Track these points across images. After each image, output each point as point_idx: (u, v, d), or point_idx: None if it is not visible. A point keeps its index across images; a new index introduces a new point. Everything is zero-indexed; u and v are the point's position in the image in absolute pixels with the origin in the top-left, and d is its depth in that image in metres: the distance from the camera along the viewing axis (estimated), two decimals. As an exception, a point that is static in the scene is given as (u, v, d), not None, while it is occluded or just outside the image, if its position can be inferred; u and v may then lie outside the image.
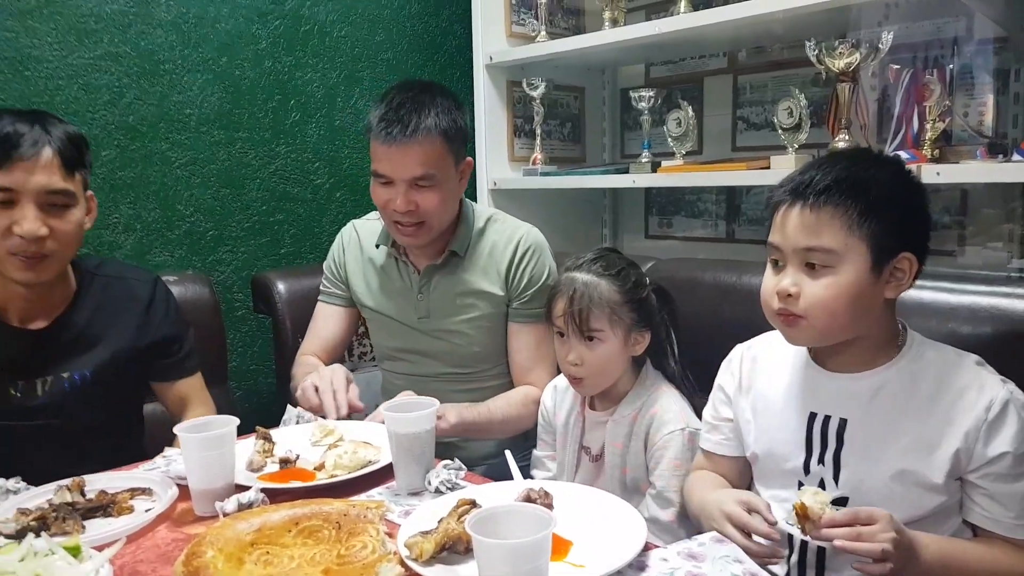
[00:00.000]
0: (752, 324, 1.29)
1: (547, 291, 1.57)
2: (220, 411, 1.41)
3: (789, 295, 1.03)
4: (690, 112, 2.07)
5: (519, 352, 1.63)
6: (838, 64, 1.68)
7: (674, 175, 2.04)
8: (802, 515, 0.95)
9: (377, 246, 1.69)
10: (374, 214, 1.72)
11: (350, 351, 2.09)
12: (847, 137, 1.70)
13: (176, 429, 1.09)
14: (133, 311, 1.50)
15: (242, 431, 1.33)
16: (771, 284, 1.07)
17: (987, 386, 1.01)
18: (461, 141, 1.59)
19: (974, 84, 1.78)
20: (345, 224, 2.36)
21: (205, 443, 1.08)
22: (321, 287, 1.80)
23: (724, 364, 1.26)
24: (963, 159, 1.56)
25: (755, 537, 1.02)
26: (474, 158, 2.38)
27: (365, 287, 1.71)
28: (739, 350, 1.25)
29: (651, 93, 2.15)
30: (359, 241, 1.74)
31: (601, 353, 1.30)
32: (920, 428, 1.02)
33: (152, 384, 1.57)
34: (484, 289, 1.61)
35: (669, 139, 2.10)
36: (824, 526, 0.93)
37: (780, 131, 1.85)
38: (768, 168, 1.83)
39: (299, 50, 2.27)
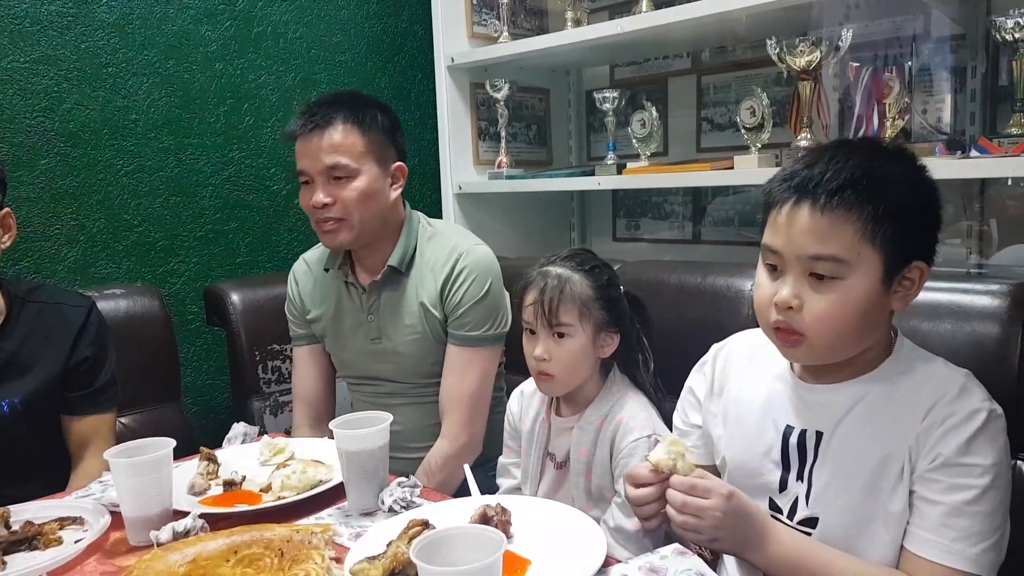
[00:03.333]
0: (718, 325, 1.26)
1: (480, 313, 1.55)
2: (174, 430, 1.33)
3: (790, 308, 0.92)
4: (654, 113, 2.04)
5: (445, 378, 1.57)
6: (799, 63, 1.67)
7: (639, 177, 2.01)
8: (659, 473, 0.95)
9: (326, 270, 1.64)
10: (319, 244, 1.68)
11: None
12: (809, 136, 1.69)
13: (106, 454, 1.03)
14: (64, 337, 1.43)
15: (195, 449, 1.27)
16: (768, 293, 0.95)
17: (964, 396, 0.92)
18: (387, 142, 1.54)
19: (932, 82, 1.77)
20: (303, 232, 2.33)
21: (138, 468, 1.01)
22: (290, 332, 1.73)
23: (697, 366, 1.19)
24: (922, 156, 1.55)
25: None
26: (437, 161, 2.34)
27: (321, 315, 1.65)
28: (713, 351, 1.18)
29: (615, 94, 2.12)
30: (310, 270, 1.69)
31: (569, 348, 1.26)
32: (894, 441, 0.93)
33: (62, 418, 1.46)
34: (426, 307, 1.56)
35: (634, 140, 2.07)
36: (669, 484, 0.93)
37: (743, 131, 1.83)
38: (732, 168, 1.80)
39: (252, 52, 2.20)
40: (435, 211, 2.32)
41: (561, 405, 1.35)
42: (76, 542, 1.01)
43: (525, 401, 1.42)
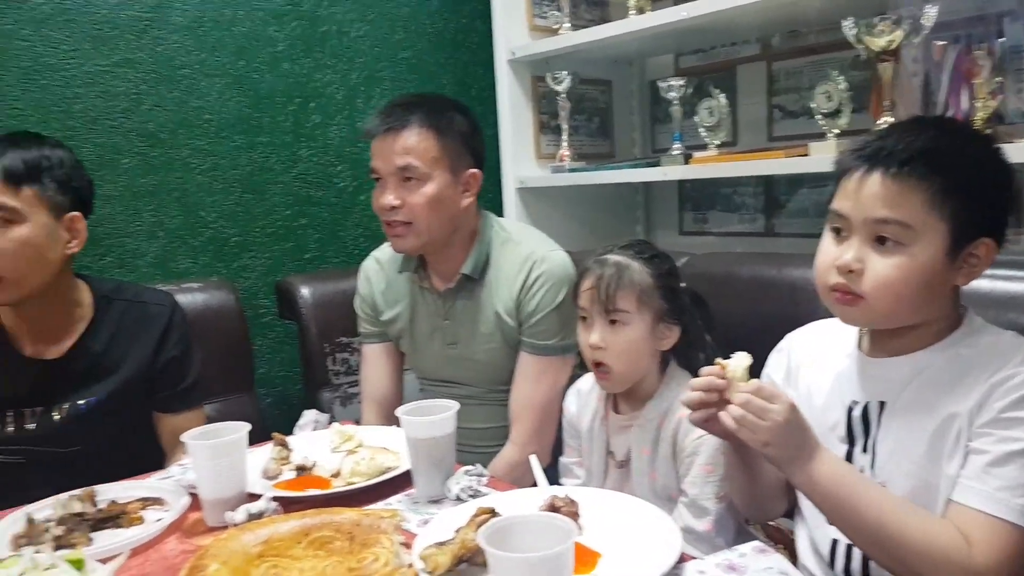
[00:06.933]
0: (794, 321, 1.21)
1: (553, 321, 1.52)
2: (248, 420, 1.31)
3: (851, 271, 0.94)
4: (723, 100, 1.98)
5: (516, 385, 1.56)
6: (879, 43, 1.59)
7: (707, 166, 1.96)
8: (723, 376, 0.96)
9: (400, 272, 1.63)
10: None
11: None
12: (891, 121, 1.60)
13: (184, 436, 1.06)
14: (151, 335, 1.47)
15: (269, 437, 1.30)
16: (830, 256, 0.97)
17: None
18: (463, 148, 1.52)
19: (1027, 60, 1.66)
20: (368, 228, 2.36)
21: (214, 451, 1.04)
22: (359, 329, 1.73)
23: (774, 352, 1.18)
24: (1018, 138, 1.46)
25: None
26: (498, 157, 2.34)
27: (397, 317, 1.65)
28: (788, 339, 1.18)
29: (681, 82, 2.07)
30: (383, 270, 1.68)
31: (626, 337, 1.22)
32: (955, 404, 0.93)
33: (154, 414, 1.52)
34: (501, 317, 1.54)
35: (701, 130, 2.01)
36: (738, 389, 0.94)
37: (818, 116, 1.75)
38: (807, 155, 1.74)
39: (317, 51, 2.24)
40: (496, 207, 2.32)
41: (619, 402, 1.32)
42: (157, 521, 1.04)
43: (582, 399, 1.39)
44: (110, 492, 1.13)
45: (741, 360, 0.97)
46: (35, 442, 1.38)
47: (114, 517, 1.05)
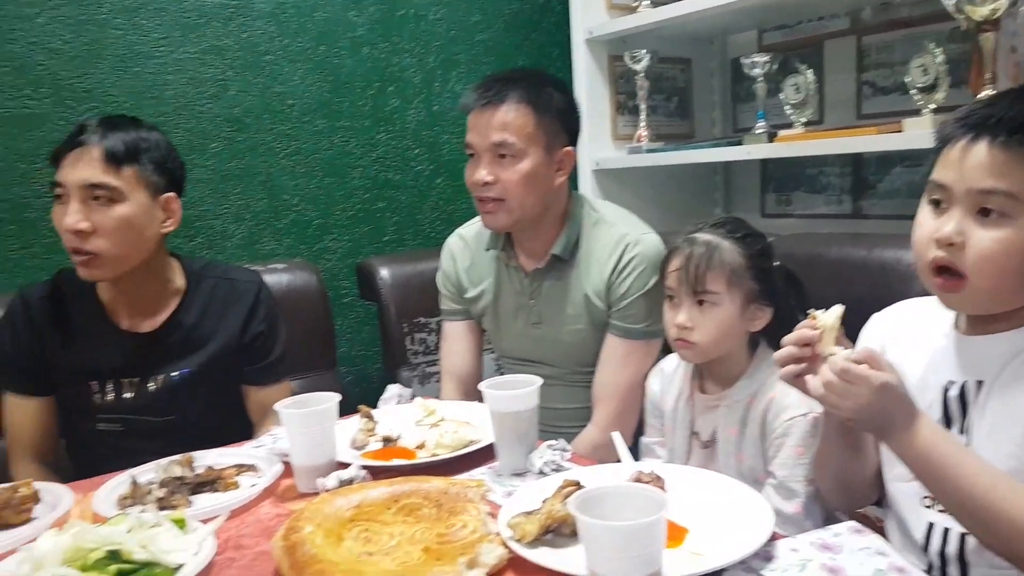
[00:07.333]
0: (885, 303, 1.17)
1: (643, 305, 1.49)
2: None
3: (951, 244, 0.89)
4: (810, 76, 1.90)
5: (601, 367, 1.53)
6: (981, 12, 1.49)
7: (793, 144, 1.88)
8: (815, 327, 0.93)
9: (487, 249, 1.63)
10: (476, 220, 1.66)
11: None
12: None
13: (277, 406, 1.09)
14: (239, 310, 1.52)
15: (353, 412, 1.33)
16: (929, 229, 0.93)
17: None
18: (559, 126, 1.50)
19: None
20: (445, 211, 2.38)
21: (306, 419, 1.07)
22: (441, 306, 1.73)
23: (862, 333, 1.14)
24: None
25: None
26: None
27: (481, 295, 1.65)
28: (875, 319, 1.14)
29: (766, 58, 2.00)
30: (468, 247, 1.68)
31: (714, 318, 1.20)
32: None
33: (242, 387, 1.56)
34: (590, 299, 1.52)
35: (787, 107, 1.94)
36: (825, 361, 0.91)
37: (914, 91, 1.67)
38: (900, 132, 1.65)
39: (395, 35, 2.27)
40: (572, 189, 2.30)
41: (705, 382, 1.30)
42: (252, 486, 1.08)
43: (666, 379, 1.37)
44: (207, 458, 1.18)
45: (833, 310, 0.94)
46: (132, 411, 1.45)
47: (211, 481, 1.10)
